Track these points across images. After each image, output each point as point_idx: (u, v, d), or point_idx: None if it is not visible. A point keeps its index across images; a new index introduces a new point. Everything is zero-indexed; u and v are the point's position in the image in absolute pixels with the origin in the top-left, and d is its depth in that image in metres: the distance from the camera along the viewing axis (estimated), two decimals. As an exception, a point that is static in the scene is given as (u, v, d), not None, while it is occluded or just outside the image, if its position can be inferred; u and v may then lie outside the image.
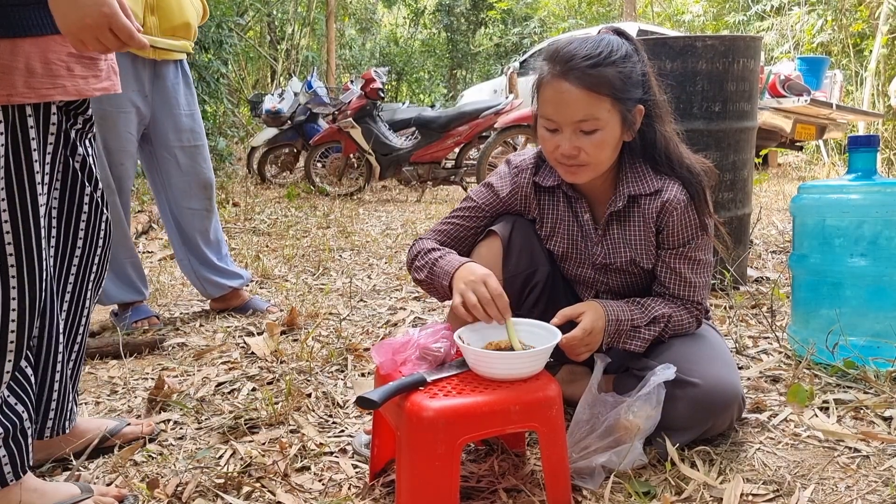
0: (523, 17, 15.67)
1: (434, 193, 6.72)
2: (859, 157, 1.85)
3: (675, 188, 1.40)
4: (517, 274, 1.49)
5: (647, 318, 1.40)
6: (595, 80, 1.28)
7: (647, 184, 1.41)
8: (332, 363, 1.99)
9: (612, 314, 1.37)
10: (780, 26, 9.93)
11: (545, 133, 1.36)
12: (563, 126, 1.32)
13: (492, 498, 1.24)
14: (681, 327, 1.44)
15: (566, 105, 1.29)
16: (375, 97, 6.24)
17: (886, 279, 1.78)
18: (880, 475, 1.27)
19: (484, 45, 17.23)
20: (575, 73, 1.28)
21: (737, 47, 2.46)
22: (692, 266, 1.43)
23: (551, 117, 1.33)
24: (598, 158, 1.34)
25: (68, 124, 1.25)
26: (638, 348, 1.39)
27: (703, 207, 1.41)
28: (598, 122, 1.30)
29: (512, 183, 1.52)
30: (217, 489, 1.28)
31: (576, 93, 1.28)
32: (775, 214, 4.58)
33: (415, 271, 1.46)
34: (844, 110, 6.71)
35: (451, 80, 17.82)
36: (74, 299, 1.35)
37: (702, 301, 1.46)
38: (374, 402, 1.07)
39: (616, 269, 1.48)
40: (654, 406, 1.26)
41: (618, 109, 1.31)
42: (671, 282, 1.44)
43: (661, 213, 1.40)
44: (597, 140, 1.31)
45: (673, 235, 1.41)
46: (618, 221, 1.46)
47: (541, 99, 1.36)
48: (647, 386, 1.27)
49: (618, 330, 1.37)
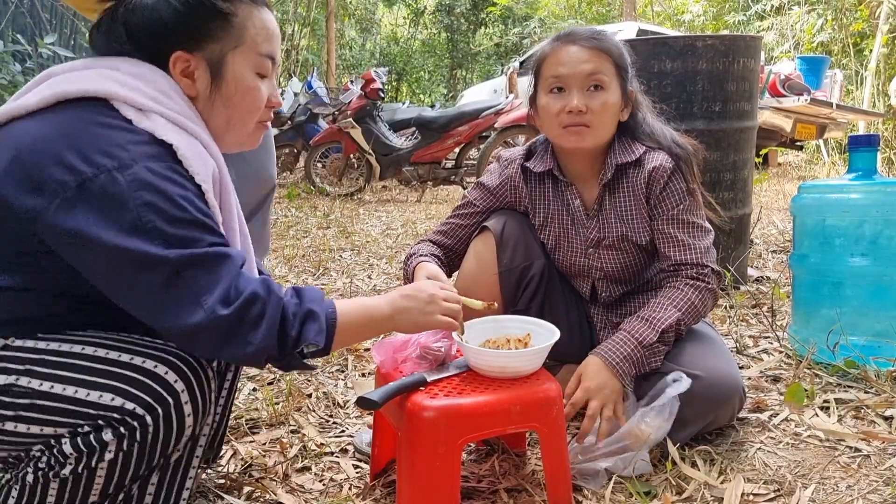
0: (523, 16, 15.66)
1: (434, 193, 6.72)
2: (860, 157, 1.85)
3: (660, 157, 1.44)
4: (513, 268, 1.50)
5: (657, 332, 1.34)
6: (600, 43, 1.39)
7: (634, 153, 1.44)
8: (332, 363, 1.99)
9: (614, 357, 1.31)
10: (780, 26, 9.93)
11: (550, 99, 1.41)
12: (572, 83, 1.38)
13: (492, 498, 1.24)
14: (696, 316, 1.39)
15: (576, 62, 1.38)
16: (375, 97, 6.24)
17: (887, 279, 1.78)
18: (881, 475, 1.27)
19: (484, 45, 17.23)
20: (581, 38, 1.40)
21: (737, 47, 2.46)
22: (686, 228, 1.43)
23: (559, 74, 1.39)
24: (601, 121, 1.39)
25: None
26: (658, 363, 1.35)
27: (689, 174, 1.45)
28: (605, 80, 1.38)
29: (501, 175, 1.56)
30: (218, 489, 1.28)
31: (584, 51, 1.39)
32: (776, 214, 4.58)
33: (406, 280, 1.49)
34: (844, 110, 6.71)
35: (452, 80, 17.83)
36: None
37: (706, 263, 1.41)
38: (374, 402, 1.07)
39: (608, 246, 1.48)
40: (666, 418, 1.25)
41: (618, 77, 1.40)
42: (670, 248, 1.43)
43: (649, 181, 1.43)
44: (602, 100, 1.38)
45: (663, 201, 1.43)
46: (609, 195, 1.48)
47: (545, 67, 1.43)
48: (662, 398, 1.25)
49: (633, 364, 1.32)
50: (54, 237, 0.88)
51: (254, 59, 1.05)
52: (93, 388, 0.88)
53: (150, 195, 0.87)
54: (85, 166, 0.86)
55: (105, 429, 0.88)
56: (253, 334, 0.91)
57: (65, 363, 0.90)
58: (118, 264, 0.87)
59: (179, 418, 0.91)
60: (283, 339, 0.94)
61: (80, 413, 0.88)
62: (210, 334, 0.89)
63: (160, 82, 0.99)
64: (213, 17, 1.01)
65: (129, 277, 0.88)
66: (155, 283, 0.87)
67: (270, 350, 0.92)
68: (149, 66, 1.00)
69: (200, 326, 0.88)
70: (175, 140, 0.94)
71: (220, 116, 1.06)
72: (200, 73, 1.03)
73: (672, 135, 1.48)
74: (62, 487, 0.91)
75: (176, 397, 0.90)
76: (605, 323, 1.58)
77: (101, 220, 0.86)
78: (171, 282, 0.87)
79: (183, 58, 1.01)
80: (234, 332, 0.90)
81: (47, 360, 0.90)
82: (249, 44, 1.04)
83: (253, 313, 0.91)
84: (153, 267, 0.87)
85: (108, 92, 0.94)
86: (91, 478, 0.90)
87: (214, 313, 0.88)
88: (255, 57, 1.05)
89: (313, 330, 0.96)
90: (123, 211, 0.86)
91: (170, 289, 0.87)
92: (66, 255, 0.89)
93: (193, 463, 1.01)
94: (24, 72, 5.15)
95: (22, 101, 0.95)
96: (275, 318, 0.93)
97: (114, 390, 0.88)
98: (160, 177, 0.89)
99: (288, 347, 0.94)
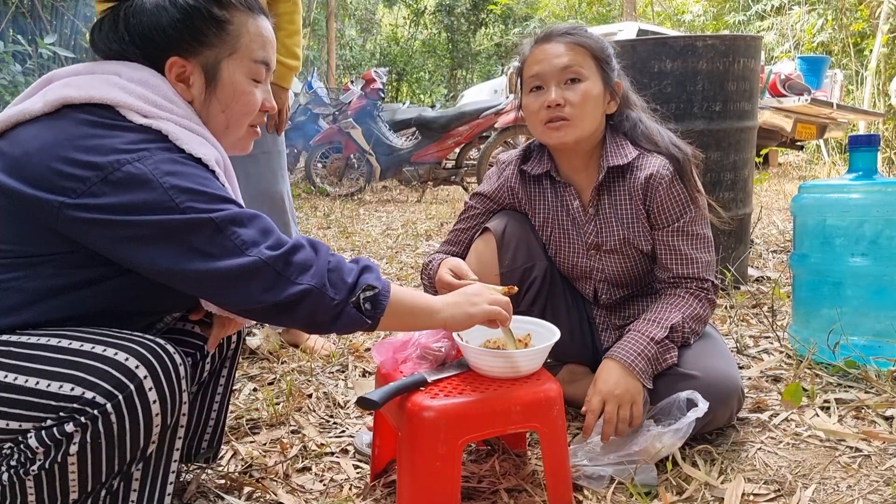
0: (524, 17, 15.67)
1: (434, 194, 6.72)
2: (860, 157, 1.85)
3: (657, 162, 1.42)
4: (514, 269, 1.49)
5: (665, 329, 1.33)
6: (575, 39, 1.40)
7: (627, 155, 1.43)
8: (333, 363, 1.99)
9: (628, 356, 1.30)
10: (781, 26, 9.93)
11: (531, 99, 1.42)
12: (549, 79, 1.39)
13: (493, 498, 1.24)
14: (699, 322, 1.39)
15: (551, 58, 1.39)
16: (376, 97, 6.25)
17: (887, 279, 1.78)
18: (882, 475, 1.27)
19: (484, 45, 17.23)
20: (556, 35, 1.41)
21: (737, 47, 2.46)
22: (690, 241, 1.42)
23: (536, 73, 1.40)
24: (581, 112, 1.38)
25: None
26: (673, 360, 1.35)
27: (689, 181, 1.42)
28: (582, 72, 1.38)
29: (499, 178, 1.56)
30: (218, 489, 1.28)
31: (559, 47, 1.40)
32: (776, 214, 4.57)
33: (425, 289, 1.51)
34: (845, 110, 6.71)
35: (452, 80, 17.82)
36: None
37: (708, 277, 1.41)
38: (374, 402, 1.07)
39: (609, 250, 1.48)
40: (681, 438, 1.24)
41: (598, 69, 1.40)
42: (672, 261, 1.42)
43: (646, 188, 1.41)
44: (581, 91, 1.38)
45: (664, 211, 1.41)
46: (607, 197, 1.46)
47: (525, 69, 1.44)
48: (681, 421, 1.23)
49: (648, 360, 1.31)
50: (80, 226, 0.89)
51: (248, 66, 1.07)
52: (53, 377, 0.88)
53: (174, 179, 0.90)
54: (104, 161, 0.89)
55: (67, 421, 0.88)
56: (302, 276, 0.93)
57: (28, 354, 0.90)
58: (161, 235, 0.89)
59: (144, 405, 0.90)
60: (339, 284, 0.95)
61: (41, 405, 0.88)
62: (260, 276, 0.91)
63: (162, 88, 1.01)
64: (209, 25, 1.03)
65: (174, 243, 0.90)
66: (200, 241, 0.90)
67: (320, 293, 0.93)
68: (149, 70, 1.02)
69: (250, 267, 0.90)
70: (181, 135, 0.96)
71: (219, 119, 1.08)
72: (195, 79, 1.05)
73: (670, 136, 1.46)
74: (38, 484, 0.90)
75: (138, 383, 0.89)
76: (606, 324, 1.58)
77: (134, 203, 0.88)
78: (214, 237, 0.90)
79: (179, 63, 1.03)
80: (283, 275, 0.92)
81: (13, 351, 0.90)
82: (244, 50, 1.06)
83: (300, 257, 0.94)
84: (197, 228, 0.90)
85: (115, 99, 0.95)
86: (64, 473, 0.90)
87: (262, 254, 0.91)
88: (250, 63, 1.07)
89: (371, 277, 0.99)
90: (154, 193, 0.89)
91: (214, 243, 0.90)
92: (95, 237, 0.90)
93: (174, 456, 1.00)
94: (24, 72, 5.15)
95: (25, 106, 0.96)
96: (324, 265, 0.96)
97: (72, 379, 0.88)
98: (178, 163, 0.93)
99: (342, 293, 0.95)
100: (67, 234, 0.91)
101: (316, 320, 0.96)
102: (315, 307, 0.94)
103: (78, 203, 0.88)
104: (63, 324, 0.96)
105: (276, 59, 1.14)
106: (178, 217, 0.89)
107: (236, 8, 1.05)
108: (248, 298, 0.92)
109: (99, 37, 1.05)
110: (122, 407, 0.88)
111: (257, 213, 0.96)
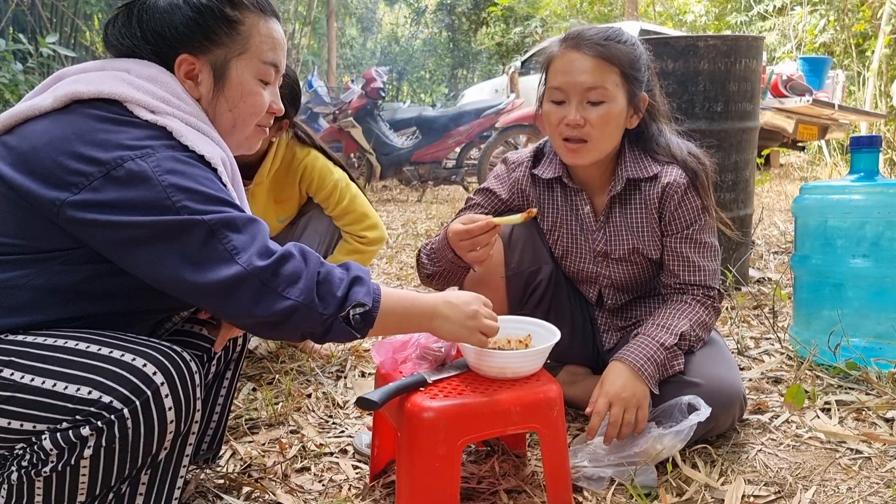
0: (525, 16, 15.65)
1: (435, 193, 6.72)
2: (861, 158, 1.84)
3: (674, 172, 1.40)
4: (520, 272, 1.48)
5: (675, 336, 1.33)
6: (606, 50, 1.31)
7: (646, 168, 1.41)
8: (332, 363, 1.99)
9: (637, 360, 1.29)
10: (783, 26, 9.92)
11: (552, 107, 1.37)
12: (571, 95, 1.33)
13: (492, 499, 1.24)
14: (705, 330, 1.39)
15: (576, 73, 1.32)
16: (376, 97, 6.25)
17: (888, 280, 1.77)
18: (882, 477, 1.27)
19: (485, 45, 17.22)
20: (587, 44, 1.32)
21: (739, 47, 2.45)
22: (699, 249, 1.42)
23: (560, 86, 1.35)
24: (601, 134, 1.34)
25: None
26: (680, 367, 1.34)
27: (704, 190, 1.41)
28: (606, 93, 1.32)
29: (510, 180, 1.53)
30: (217, 489, 1.27)
31: (587, 61, 1.32)
32: (777, 215, 4.57)
33: (423, 269, 1.47)
34: (846, 111, 6.70)
35: (453, 79, 17.83)
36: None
37: (713, 285, 1.42)
38: (374, 402, 1.07)
39: (618, 258, 1.47)
40: (682, 440, 1.24)
41: (625, 86, 1.34)
42: (680, 268, 1.42)
43: (662, 197, 1.40)
44: (602, 113, 1.33)
45: (676, 219, 1.41)
46: (620, 207, 1.45)
47: (550, 73, 1.38)
48: (683, 423, 1.23)
49: (656, 365, 1.30)
50: (80, 224, 0.89)
51: (257, 67, 1.07)
52: (71, 380, 0.88)
53: (174, 178, 0.90)
54: (107, 157, 0.89)
55: (83, 424, 0.87)
56: (290, 289, 0.92)
57: (45, 356, 0.90)
58: (154, 236, 0.89)
59: (160, 411, 0.90)
60: (328, 299, 0.94)
61: (58, 407, 0.87)
62: (247, 287, 0.90)
63: (171, 84, 1.01)
64: (221, 24, 1.04)
65: (166, 245, 0.89)
66: (191, 245, 0.89)
67: (308, 309, 0.92)
68: (158, 67, 1.02)
69: (237, 278, 0.89)
70: (185, 133, 0.97)
71: (226, 118, 1.08)
72: (204, 77, 1.05)
73: (689, 147, 1.44)
74: (47, 486, 0.90)
75: (154, 389, 0.89)
76: (608, 326, 1.58)
77: (132, 200, 0.88)
78: (207, 241, 0.90)
79: (188, 60, 1.04)
80: (270, 287, 0.91)
81: (30, 352, 0.90)
82: (254, 51, 1.07)
83: (289, 268, 0.93)
84: (189, 230, 0.89)
85: (123, 94, 0.96)
86: (75, 476, 0.90)
87: (251, 264, 0.90)
88: (259, 64, 1.08)
89: (361, 292, 0.97)
90: (153, 192, 0.89)
91: (206, 247, 0.90)
92: (95, 238, 0.91)
93: (184, 462, 1.00)
94: (25, 70, 5.15)
95: (36, 101, 0.96)
96: (313, 277, 0.94)
97: (90, 383, 0.88)
98: (180, 162, 0.93)
99: (331, 308, 0.94)
100: (70, 231, 0.91)
101: (306, 333, 0.96)
102: (304, 322, 0.94)
103: (78, 200, 0.88)
104: (74, 323, 0.96)
105: (285, 62, 1.15)
106: (171, 218, 0.89)
107: (249, 9, 1.06)
108: (241, 311, 0.91)
109: (112, 32, 1.06)
110: (138, 412, 0.88)
111: (254, 217, 0.96)
